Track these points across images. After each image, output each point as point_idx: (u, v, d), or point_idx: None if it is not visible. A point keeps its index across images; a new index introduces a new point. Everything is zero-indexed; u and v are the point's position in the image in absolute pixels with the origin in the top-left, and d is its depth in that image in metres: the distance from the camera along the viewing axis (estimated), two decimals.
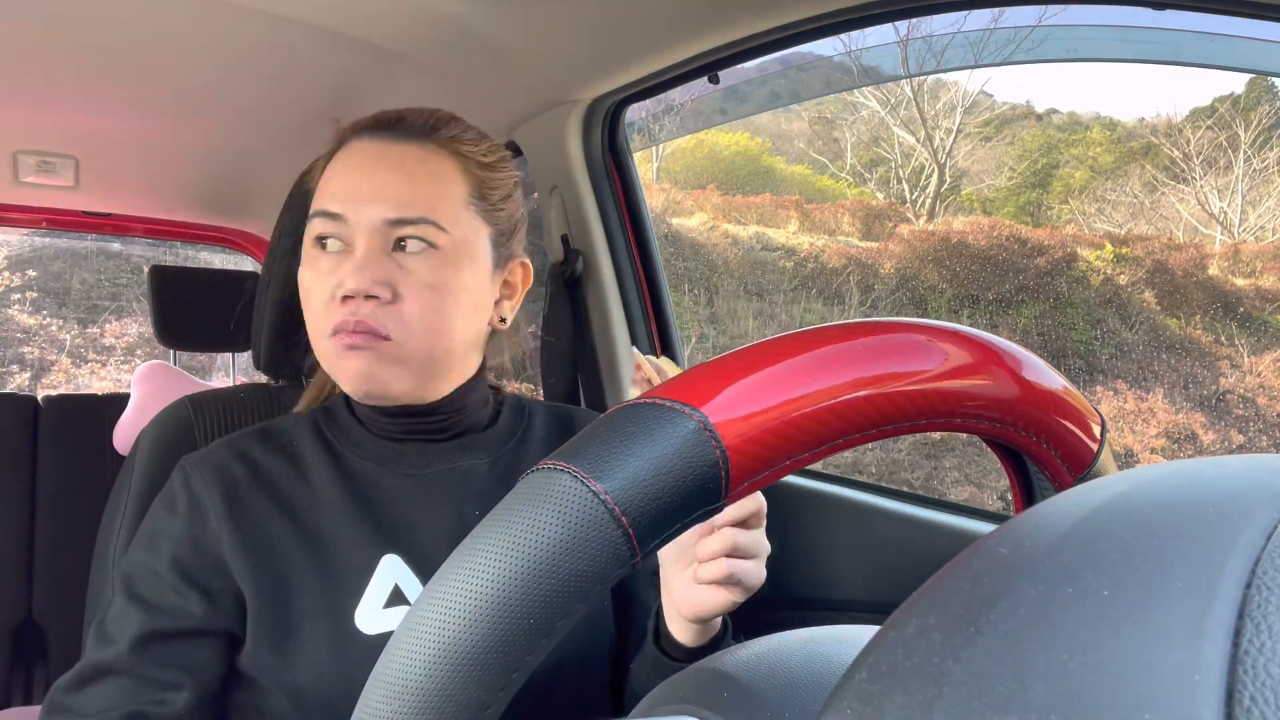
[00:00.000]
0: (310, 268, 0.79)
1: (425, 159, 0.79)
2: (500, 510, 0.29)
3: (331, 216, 0.77)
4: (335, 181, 0.79)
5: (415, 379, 0.79)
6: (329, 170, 0.81)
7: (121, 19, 1.18)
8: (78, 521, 1.93)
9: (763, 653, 0.36)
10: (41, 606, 1.93)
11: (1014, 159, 8.35)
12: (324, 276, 0.77)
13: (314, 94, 1.44)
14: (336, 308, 0.76)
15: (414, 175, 0.78)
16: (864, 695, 0.22)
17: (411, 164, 0.79)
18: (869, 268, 7.31)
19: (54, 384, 6.75)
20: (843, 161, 8.80)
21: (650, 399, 0.31)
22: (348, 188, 0.78)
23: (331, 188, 0.79)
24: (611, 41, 1.15)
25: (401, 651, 0.29)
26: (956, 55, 6.75)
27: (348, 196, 0.77)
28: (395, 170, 0.78)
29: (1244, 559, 0.19)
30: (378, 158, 0.79)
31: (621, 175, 1.41)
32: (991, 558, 0.23)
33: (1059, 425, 0.36)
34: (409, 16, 1.13)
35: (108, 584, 0.91)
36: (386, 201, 0.77)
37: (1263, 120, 6.92)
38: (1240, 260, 6.62)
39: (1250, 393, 5.76)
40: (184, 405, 0.98)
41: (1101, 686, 0.18)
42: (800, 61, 6.40)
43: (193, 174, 2.03)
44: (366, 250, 0.76)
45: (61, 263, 7.09)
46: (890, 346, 0.33)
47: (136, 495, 0.92)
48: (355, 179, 0.78)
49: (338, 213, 0.77)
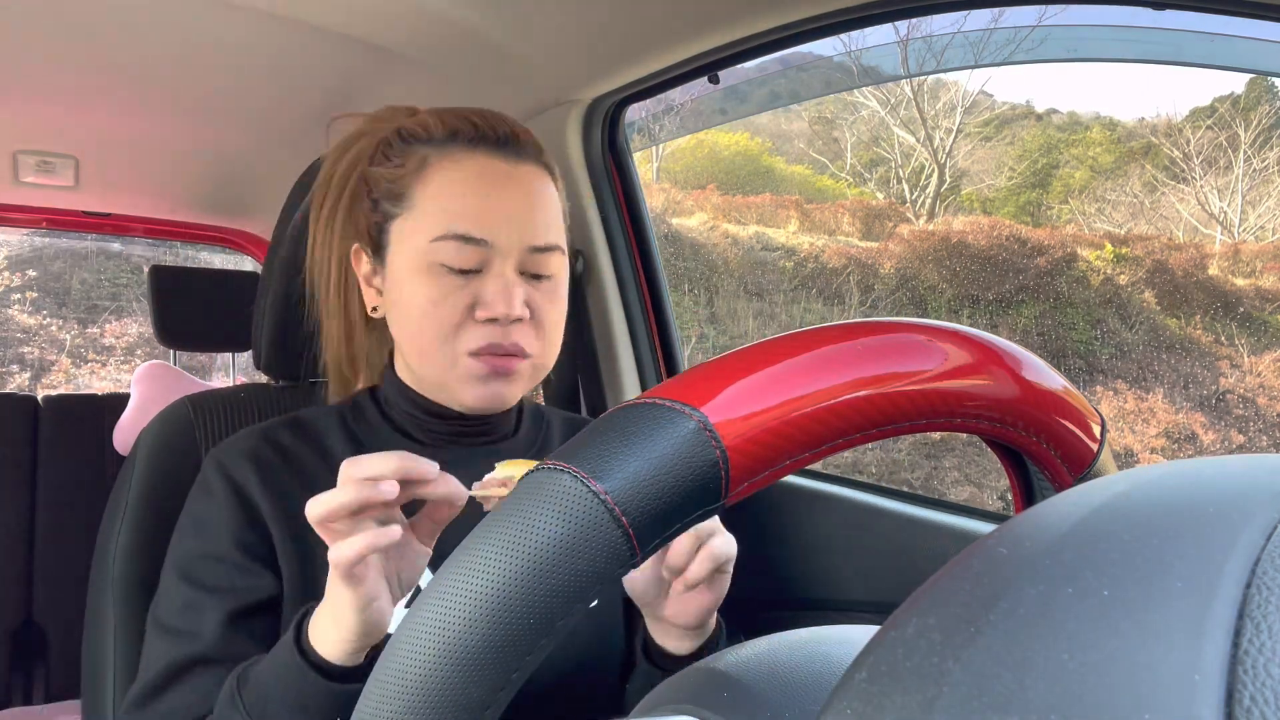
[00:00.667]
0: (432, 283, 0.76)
1: (543, 183, 0.81)
2: (501, 510, 0.29)
3: (475, 242, 0.75)
4: (468, 199, 0.77)
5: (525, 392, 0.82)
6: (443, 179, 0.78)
7: (122, 19, 1.18)
8: (78, 521, 1.93)
9: (763, 653, 0.36)
10: (41, 606, 1.93)
11: (1014, 159, 8.36)
12: (453, 293, 0.76)
13: (314, 94, 1.44)
14: (475, 327, 0.76)
15: (542, 200, 0.80)
16: (864, 695, 0.22)
17: (537, 187, 0.80)
18: (869, 268, 7.31)
19: (54, 384, 6.75)
20: (843, 161, 8.80)
21: (650, 399, 0.31)
22: (487, 211, 0.76)
23: (465, 204, 0.76)
24: (611, 41, 1.15)
25: (402, 651, 0.29)
26: (956, 55, 6.76)
27: (489, 219, 0.76)
28: (527, 194, 0.79)
29: (1244, 559, 0.19)
30: (508, 180, 0.78)
31: (621, 175, 1.41)
32: (991, 558, 0.23)
33: (1059, 425, 0.36)
34: (409, 16, 1.13)
35: (108, 583, 0.91)
36: (530, 227, 0.77)
37: (1263, 120, 6.92)
38: (1240, 260, 6.62)
39: (1250, 393, 5.76)
40: (184, 405, 0.98)
41: (1101, 686, 0.18)
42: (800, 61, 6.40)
43: (193, 174, 2.03)
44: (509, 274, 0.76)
45: (61, 263, 7.09)
46: (890, 346, 0.33)
47: (137, 495, 0.92)
48: (491, 202, 0.77)
49: (482, 239, 0.76)
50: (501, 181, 0.78)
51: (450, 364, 0.77)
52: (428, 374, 0.79)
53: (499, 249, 0.76)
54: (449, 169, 0.77)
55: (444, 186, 0.77)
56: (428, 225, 0.76)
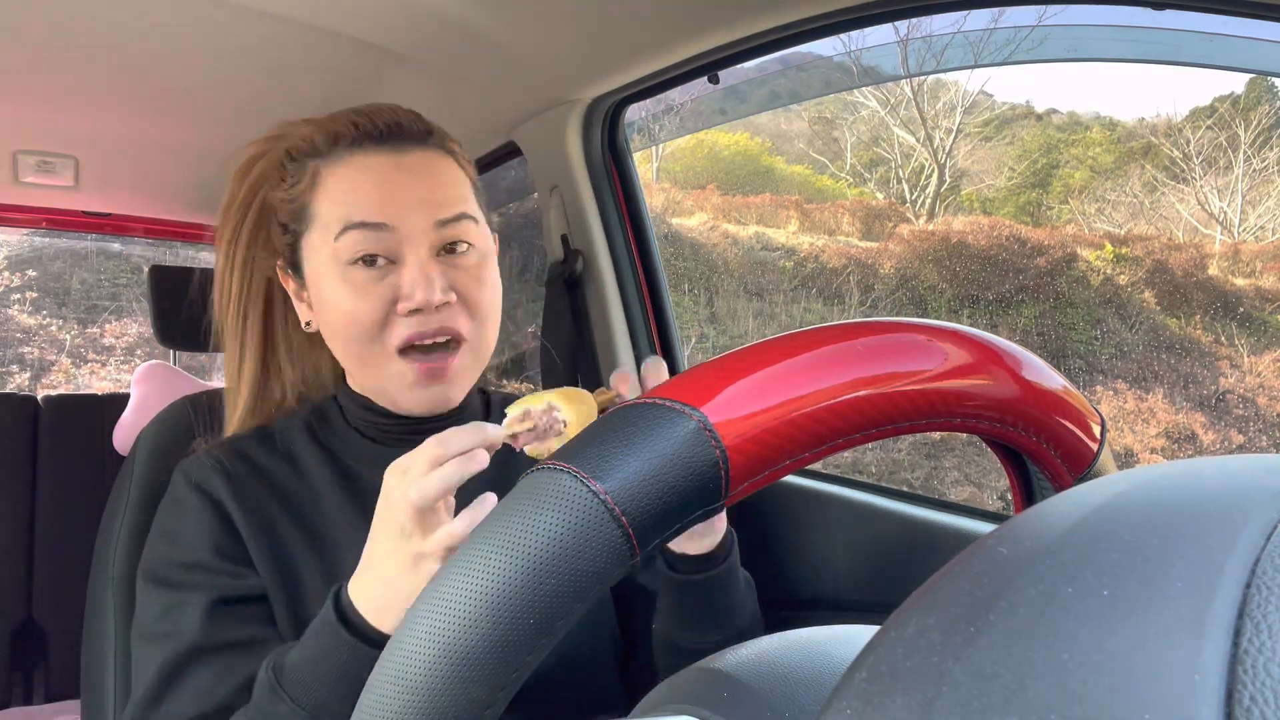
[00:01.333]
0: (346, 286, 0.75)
1: (435, 162, 0.80)
2: (500, 510, 0.29)
3: (374, 227, 0.74)
4: (361, 194, 0.76)
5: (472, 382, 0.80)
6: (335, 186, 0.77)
7: (122, 19, 1.18)
8: (78, 521, 1.93)
9: (763, 653, 0.36)
10: (41, 606, 1.93)
11: (1014, 159, 8.35)
12: (370, 288, 0.74)
13: (314, 94, 1.44)
14: (398, 322, 0.74)
15: (437, 178, 0.78)
16: (864, 695, 0.22)
17: (430, 168, 0.79)
18: (869, 268, 7.30)
19: (54, 384, 6.75)
20: (843, 161, 8.80)
21: (650, 399, 0.31)
22: (381, 198, 0.75)
23: (359, 199, 0.75)
24: (611, 41, 1.15)
25: (402, 651, 0.29)
26: (956, 55, 6.75)
27: (386, 205, 0.75)
28: (419, 175, 0.77)
29: (1244, 559, 0.19)
30: (395, 167, 0.77)
31: (621, 175, 1.41)
32: (991, 558, 0.23)
33: (1059, 425, 0.36)
34: (409, 16, 1.13)
35: (108, 583, 0.91)
36: (428, 204, 0.76)
37: (1263, 120, 6.92)
38: (1240, 260, 6.61)
39: (1250, 393, 5.76)
40: (184, 405, 0.98)
41: (1101, 686, 0.18)
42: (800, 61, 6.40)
43: (193, 174, 2.03)
44: (422, 259, 0.74)
45: (61, 263, 7.09)
46: (890, 346, 0.33)
47: (136, 495, 0.92)
48: (385, 189, 0.75)
49: (382, 222, 0.74)
50: (391, 172, 0.77)
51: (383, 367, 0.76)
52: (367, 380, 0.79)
53: (403, 233, 0.75)
54: (339, 174, 0.77)
55: (337, 191, 0.77)
56: (329, 227, 0.76)
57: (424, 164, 0.79)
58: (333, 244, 0.75)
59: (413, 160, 0.78)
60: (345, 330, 0.76)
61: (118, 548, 0.91)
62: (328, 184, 0.77)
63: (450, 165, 0.81)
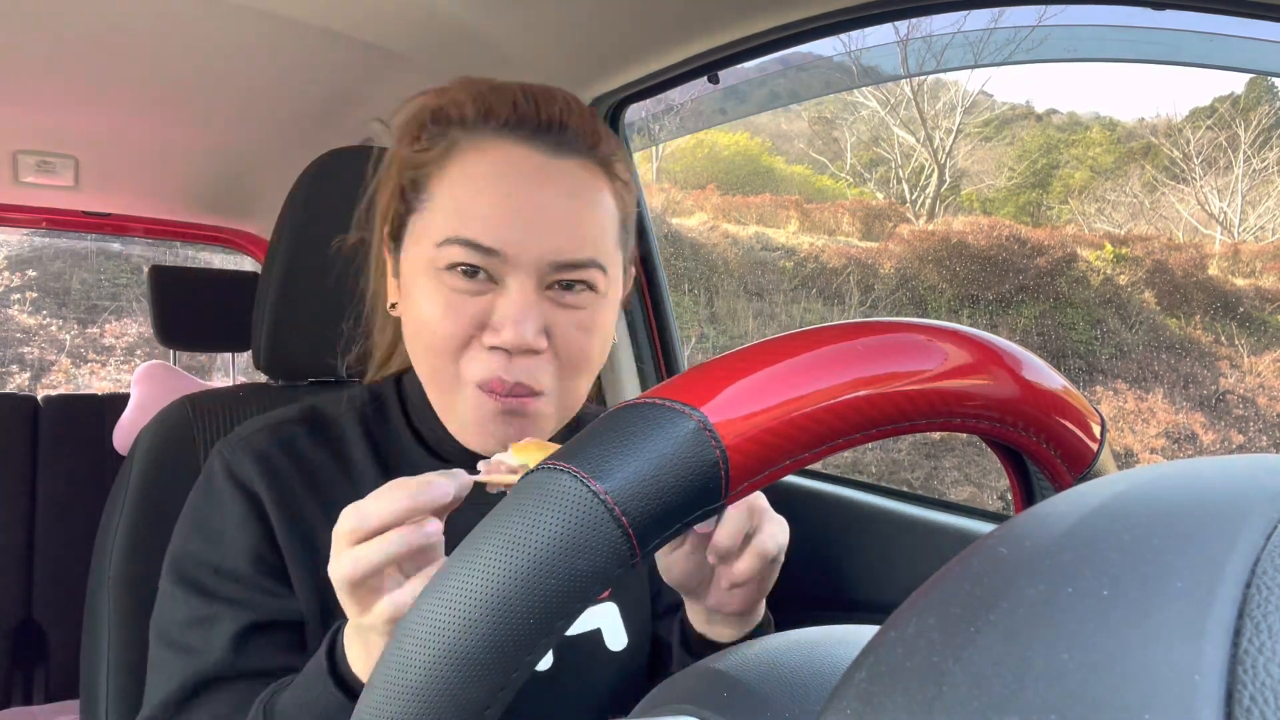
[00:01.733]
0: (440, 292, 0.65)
1: (588, 184, 0.68)
2: (501, 510, 0.29)
3: (481, 250, 0.63)
4: (483, 200, 0.64)
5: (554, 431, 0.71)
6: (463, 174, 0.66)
7: (122, 19, 1.18)
8: (78, 521, 1.93)
9: (763, 653, 0.36)
10: (41, 606, 1.93)
11: (1014, 159, 8.36)
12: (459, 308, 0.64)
13: (314, 94, 1.44)
14: (480, 355, 0.65)
15: (581, 206, 0.66)
16: (864, 695, 0.22)
17: (576, 190, 0.67)
18: (869, 268, 7.31)
19: (54, 384, 6.75)
20: (843, 161, 8.80)
21: (650, 399, 0.31)
22: (504, 214, 0.64)
23: (479, 207, 0.64)
24: (611, 41, 1.15)
25: (401, 652, 0.29)
26: (956, 55, 6.76)
27: (504, 226, 0.64)
28: (561, 198, 0.66)
29: (1244, 559, 0.19)
30: (538, 177, 0.65)
31: None
32: (991, 558, 0.23)
33: (1059, 425, 0.36)
34: (409, 16, 1.13)
35: (107, 583, 0.91)
36: (554, 239, 0.64)
37: (1263, 120, 6.92)
38: (1240, 260, 6.62)
39: (1250, 393, 5.76)
40: (184, 405, 0.98)
41: (1101, 686, 0.18)
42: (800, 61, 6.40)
43: (193, 174, 2.03)
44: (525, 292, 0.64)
45: (61, 263, 7.09)
46: (890, 346, 0.33)
47: (136, 495, 0.92)
48: (512, 204, 0.64)
49: (491, 247, 0.63)
50: (530, 178, 0.65)
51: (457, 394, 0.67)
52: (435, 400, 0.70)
53: (513, 261, 0.64)
54: (472, 159, 0.66)
55: (462, 180, 0.66)
56: (439, 225, 0.66)
57: (572, 180, 0.67)
58: (435, 247, 0.65)
59: (561, 170, 0.66)
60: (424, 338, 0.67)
61: (117, 547, 0.91)
62: (457, 165, 0.66)
63: (600, 187, 0.68)
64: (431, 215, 0.67)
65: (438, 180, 0.67)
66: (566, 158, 0.67)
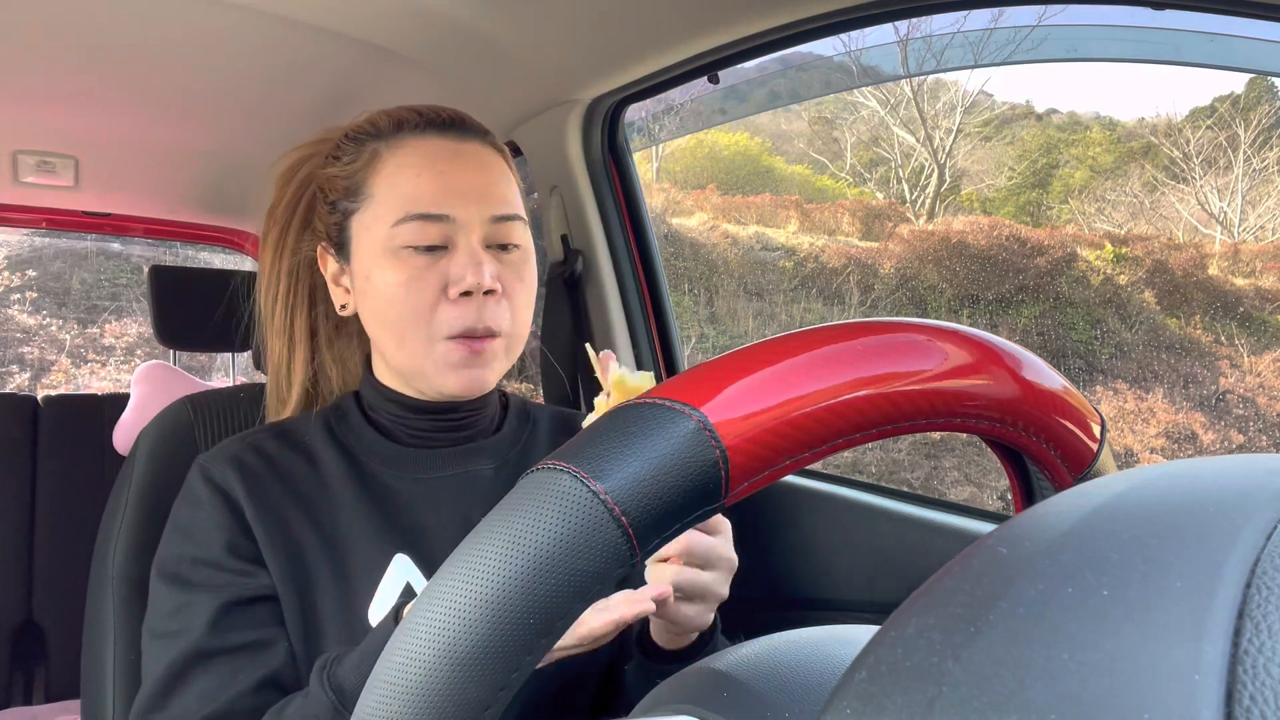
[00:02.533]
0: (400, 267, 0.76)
1: (491, 157, 0.82)
2: (500, 510, 0.29)
3: (435, 219, 0.76)
4: (423, 181, 0.77)
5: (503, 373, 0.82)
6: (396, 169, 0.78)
7: (122, 19, 1.18)
8: (78, 521, 1.93)
9: (763, 653, 0.36)
10: (41, 606, 1.93)
11: (1014, 159, 8.36)
12: (422, 273, 0.76)
13: (314, 94, 1.44)
14: (449, 307, 0.76)
15: (496, 174, 0.81)
16: (864, 695, 0.22)
17: (488, 164, 0.81)
18: (869, 268, 7.31)
19: (54, 384, 6.75)
20: (843, 161, 8.80)
21: (650, 399, 0.31)
22: (442, 188, 0.77)
23: (421, 188, 0.77)
24: (611, 41, 1.15)
25: (401, 651, 0.29)
26: (956, 55, 6.76)
27: (446, 196, 0.77)
28: (478, 168, 0.80)
29: (1244, 559, 0.19)
30: (455, 155, 0.79)
31: (621, 175, 1.41)
32: (991, 558, 0.23)
33: (1059, 425, 0.36)
34: (409, 16, 1.13)
35: (108, 583, 0.91)
36: (488, 198, 0.78)
37: (1263, 120, 6.92)
38: (1240, 260, 6.62)
39: (1250, 393, 5.76)
40: (184, 405, 0.98)
41: (1101, 686, 0.18)
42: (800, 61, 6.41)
43: (193, 174, 2.03)
44: (475, 248, 0.77)
45: (61, 263, 7.09)
46: (890, 346, 0.33)
47: (136, 495, 0.92)
48: (447, 179, 0.78)
49: (441, 214, 0.76)
50: (453, 158, 0.79)
51: (428, 349, 0.77)
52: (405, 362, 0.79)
53: (460, 223, 0.77)
54: (400, 155, 0.79)
55: (397, 172, 0.78)
56: (387, 212, 0.77)
57: (482, 157, 0.81)
58: (389, 229, 0.77)
59: (471, 151, 0.81)
60: (395, 310, 0.77)
61: (117, 547, 0.91)
62: (387, 165, 0.79)
63: (504, 165, 0.83)
64: (376, 208, 0.78)
65: (373, 180, 0.79)
66: (472, 141, 0.82)
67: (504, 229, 0.79)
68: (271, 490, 0.78)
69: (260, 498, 0.77)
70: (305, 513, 0.78)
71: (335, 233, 0.82)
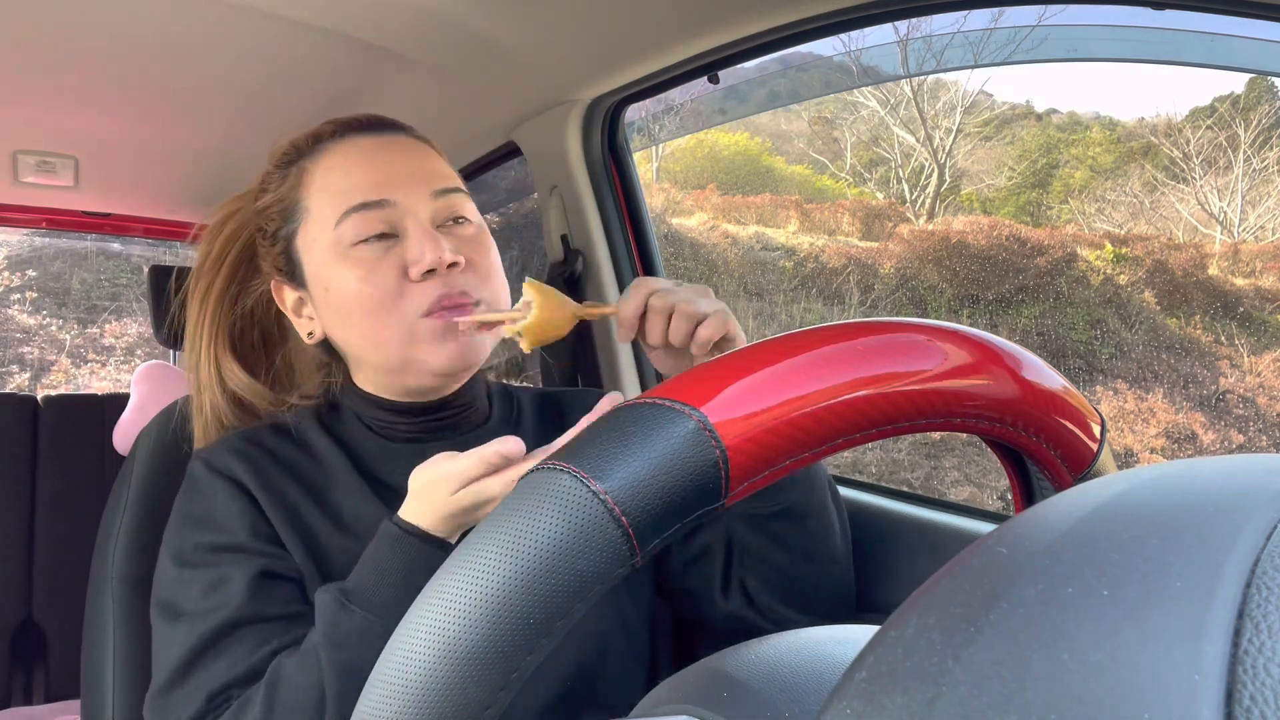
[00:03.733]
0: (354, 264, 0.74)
1: (419, 145, 0.82)
2: (501, 510, 0.29)
3: (375, 206, 0.74)
4: (355, 175, 0.76)
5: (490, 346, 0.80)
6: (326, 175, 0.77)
7: (122, 19, 1.18)
8: (78, 521, 1.93)
9: (763, 653, 0.36)
10: (41, 606, 1.93)
11: (1014, 159, 8.35)
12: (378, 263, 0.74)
13: (314, 94, 1.44)
14: (415, 288, 0.73)
15: (426, 155, 0.80)
16: (864, 695, 0.22)
17: (415, 149, 0.80)
18: (869, 268, 7.30)
19: (54, 384, 6.75)
20: (843, 161, 8.80)
21: (650, 399, 0.31)
22: (376, 175, 0.76)
23: (354, 181, 0.76)
24: (611, 41, 1.15)
25: (402, 651, 0.29)
26: (956, 55, 6.76)
27: (382, 182, 0.75)
28: (408, 153, 0.79)
29: (1243, 559, 0.19)
30: (384, 147, 0.79)
31: (621, 175, 1.40)
32: (991, 558, 0.23)
33: (1059, 425, 0.36)
34: (409, 16, 1.13)
35: (107, 583, 0.91)
36: (423, 176, 0.77)
37: (1263, 120, 6.92)
38: (1240, 260, 6.62)
39: (1250, 393, 5.76)
40: (184, 405, 0.98)
41: (1101, 686, 0.18)
42: (800, 61, 6.40)
43: (193, 174, 2.03)
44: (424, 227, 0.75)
45: (61, 263, 7.09)
46: (890, 346, 0.33)
47: (136, 495, 0.92)
48: (378, 166, 0.76)
49: (382, 199, 0.74)
50: (377, 150, 0.78)
51: (407, 334, 0.74)
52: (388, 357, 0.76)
53: (403, 206, 0.75)
54: (327, 163, 0.78)
55: (326, 176, 0.77)
56: (327, 216, 0.76)
57: (409, 145, 0.81)
58: (333, 231, 0.75)
59: (398, 141, 0.80)
60: (360, 308, 0.74)
61: (117, 547, 0.91)
62: (316, 176, 0.78)
63: (433, 151, 0.83)
64: (316, 218, 0.77)
65: (306, 193, 0.78)
66: (395, 134, 0.81)
67: (449, 203, 0.77)
68: (276, 478, 0.77)
69: (267, 484, 0.76)
70: (312, 498, 0.77)
71: (283, 262, 0.80)
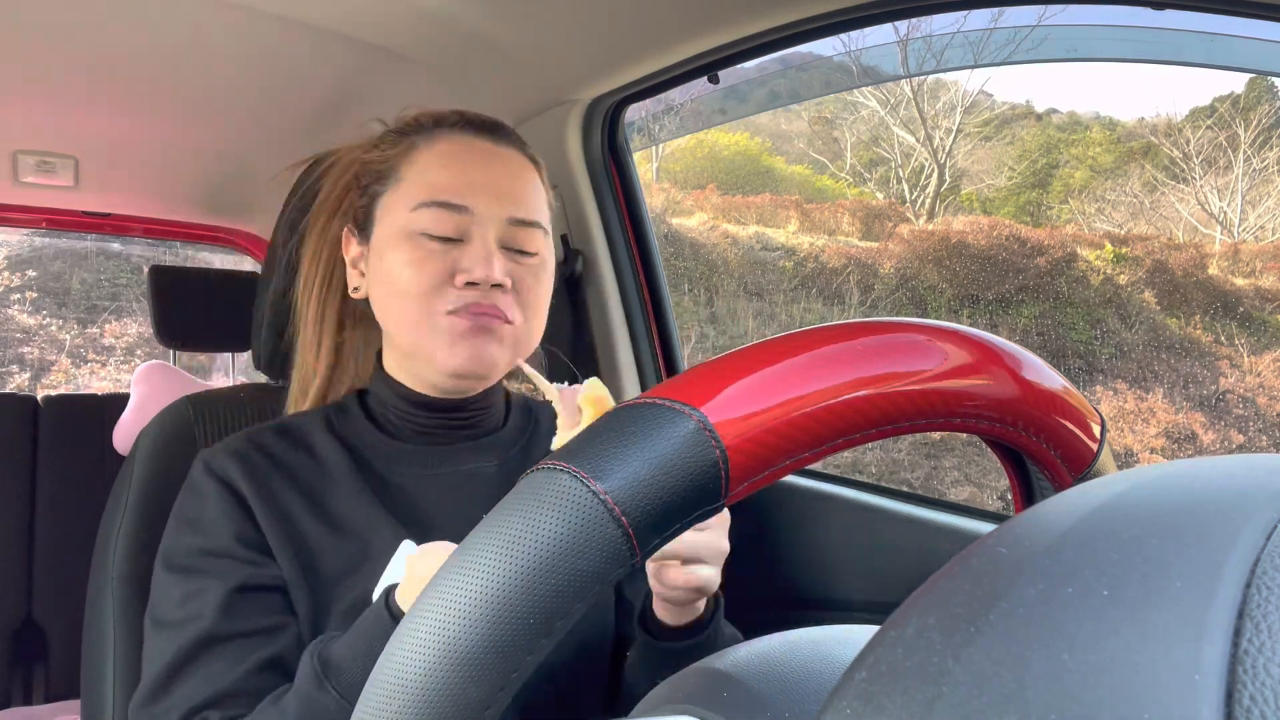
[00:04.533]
0: (412, 249, 0.77)
1: (527, 169, 0.83)
2: (500, 510, 0.29)
3: (454, 208, 0.77)
4: (450, 170, 0.79)
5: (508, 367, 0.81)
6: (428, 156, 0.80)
7: (122, 20, 1.18)
8: (78, 521, 1.93)
9: (763, 653, 0.36)
10: (41, 606, 1.93)
11: (1014, 159, 8.35)
12: (432, 258, 0.76)
13: (315, 94, 1.44)
14: (453, 290, 0.76)
15: (525, 182, 0.82)
16: (864, 695, 0.22)
17: (519, 171, 0.82)
18: (869, 268, 7.30)
19: (54, 384, 6.75)
20: (843, 161, 8.80)
21: (650, 399, 0.31)
22: (467, 180, 0.78)
23: (446, 176, 0.78)
24: (611, 41, 1.15)
25: (402, 651, 0.29)
26: (956, 55, 6.76)
27: (470, 189, 0.78)
28: (508, 170, 0.81)
29: (1244, 559, 0.19)
30: (489, 156, 0.81)
31: (621, 175, 1.41)
32: (991, 558, 0.23)
33: (1059, 425, 0.36)
34: (409, 16, 1.13)
35: (108, 583, 0.91)
36: (511, 200, 0.79)
37: (1263, 120, 6.92)
38: (1240, 260, 6.62)
39: (1250, 393, 5.76)
40: (184, 405, 0.98)
41: (1101, 686, 0.18)
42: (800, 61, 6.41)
43: (193, 174, 2.03)
44: (489, 243, 0.77)
45: (61, 263, 7.09)
46: (890, 346, 0.33)
47: (136, 495, 0.92)
48: (473, 174, 0.79)
49: (462, 205, 0.77)
50: (484, 157, 0.81)
51: (430, 325, 0.77)
52: (411, 341, 0.78)
53: (479, 217, 0.77)
54: (436, 147, 0.81)
55: (429, 161, 0.80)
56: (411, 195, 0.78)
57: (514, 163, 0.82)
58: (410, 213, 0.78)
59: (505, 155, 0.82)
60: (400, 289, 0.77)
61: (117, 547, 0.91)
62: (422, 153, 0.81)
63: (535, 176, 0.84)
64: (403, 190, 0.79)
65: (406, 165, 0.80)
66: (507, 147, 0.83)
67: (522, 234, 0.79)
68: (274, 482, 0.78)
69: (263, 490, 0.77)
70: (308, 502, 0.78)
71: (362, 215, 0.83)
